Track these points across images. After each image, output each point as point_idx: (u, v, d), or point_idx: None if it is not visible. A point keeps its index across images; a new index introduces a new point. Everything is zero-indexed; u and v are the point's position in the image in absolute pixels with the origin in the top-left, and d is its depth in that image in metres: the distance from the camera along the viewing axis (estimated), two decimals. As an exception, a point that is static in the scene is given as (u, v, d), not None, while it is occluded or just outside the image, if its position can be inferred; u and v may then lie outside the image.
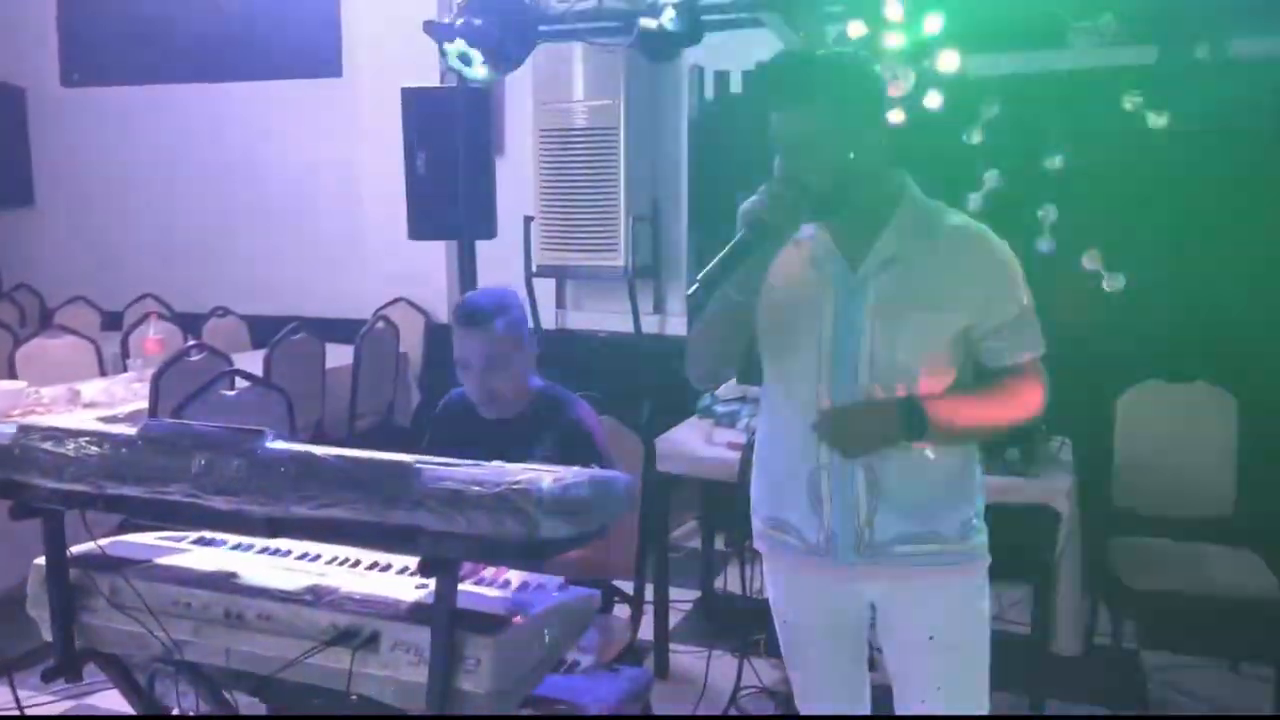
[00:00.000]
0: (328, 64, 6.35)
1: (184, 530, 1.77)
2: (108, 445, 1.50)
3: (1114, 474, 3.49)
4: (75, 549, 1.67)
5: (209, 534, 1.77)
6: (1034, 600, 3.11)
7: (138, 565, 1.65)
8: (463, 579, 1.55)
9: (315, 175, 6.42)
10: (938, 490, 1.88)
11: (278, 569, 1.64)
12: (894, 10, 3.72)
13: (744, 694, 3.19)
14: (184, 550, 1.73)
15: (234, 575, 1.61)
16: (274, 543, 1.73)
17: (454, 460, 1.38)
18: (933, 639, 1.90)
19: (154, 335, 4.81)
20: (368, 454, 1.41)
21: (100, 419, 3.78)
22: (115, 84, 6.92)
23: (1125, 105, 4.07)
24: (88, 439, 1.51)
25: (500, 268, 5.20)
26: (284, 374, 4.53)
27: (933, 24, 3.80)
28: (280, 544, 1.73)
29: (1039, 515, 3.03)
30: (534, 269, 5.54)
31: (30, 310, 6.77)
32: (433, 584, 1.43)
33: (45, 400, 4.03)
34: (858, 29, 3.83)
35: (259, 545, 1.74)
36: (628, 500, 1.50)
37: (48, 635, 1.67)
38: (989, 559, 1.95)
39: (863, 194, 1.83)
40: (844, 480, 1.86)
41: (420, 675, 1.41)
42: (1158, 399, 3.53)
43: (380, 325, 5.48)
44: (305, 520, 1.41)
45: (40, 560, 1.66)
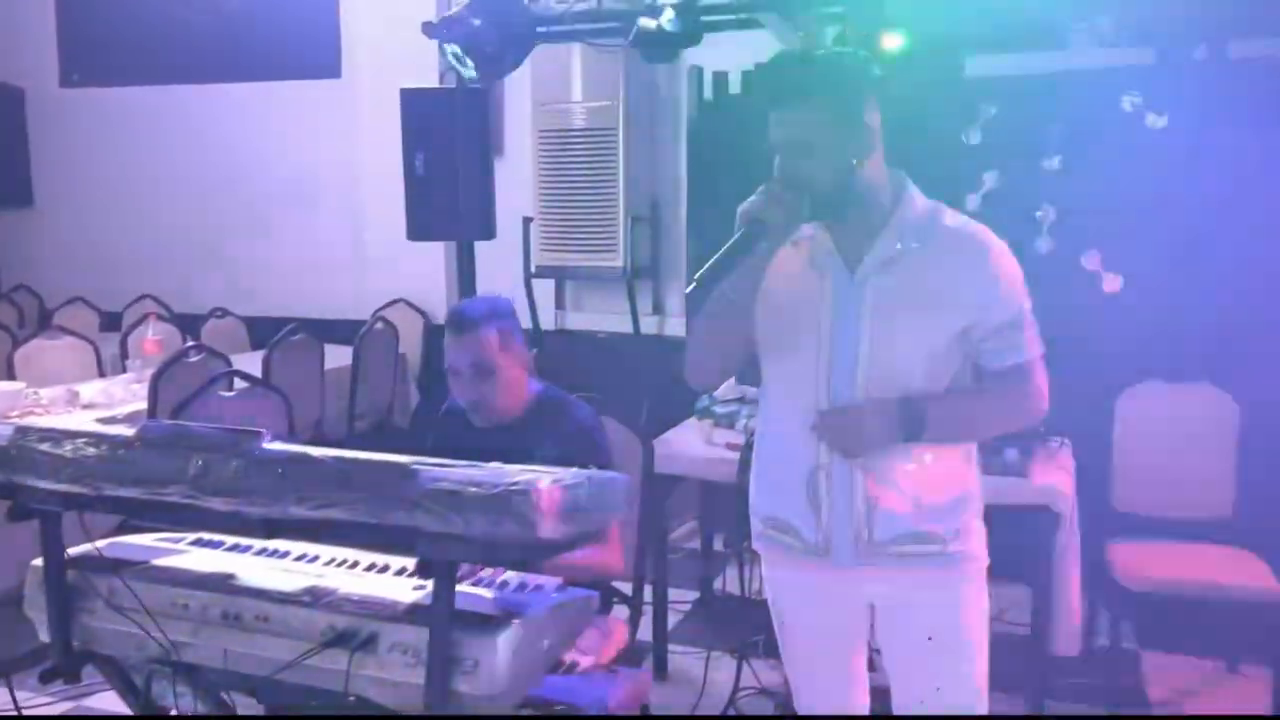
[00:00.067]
0: (327, 65, 6.34)
1: (182, 531, 1.77)
2: (105, 446, 1.50)
3: (1113, 475, 3.50)
4: (73, 550, 1.67)
5: (207, 535, 1.77)
6: (1033, 601, 3.11)
7: (135, 566, 1.65)
8: (461, 580, 1.55)
9: (314, 176, 6.42)
10: (936, 491, 1.88)
11: (275, 570, 1.64)
12: (892, 11, 3.72)
13: (743, 695, 3.19)
14: (182, 551, 1.73)
15: (232, 576, 1.61)
16: (272, 544, 1.73)
17: (451, 461, 1.38)
18: (931, 640, 1.90)
19: (153, 336, 4.81)
20: (365, 455, 1.41)
21: (99, 420, 3.78)
22: (115, 85, 6.91)
23: (1124, 106, 4.07)
24: (85, 440, 1.51)
25: (499, 268, 5.21)
26: (283, 375, 4.53)
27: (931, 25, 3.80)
28: (278, 545, 1.73)
29: (1038, 516, 3.04)
30: (533, 270, 5.54)
31: (29, 311, 6.76)
32: (430, 585, 1.43)
33: (44, 401, 4.02)
34: (856, 30, 3.82)
35: (257, 546, 1.74)
36: (627, 501, 1.51)
37: (45, 636, 1.67)
38: (987, 559, 1.95)
39: (861, 194, 1.83)
40: (843, 480, 1.86)
41: (418, 677, 1.41)
42: (1157, 400, 3.53)
43: (379, 326, 5.47)
44: (303, 521, 1.41)
45: (38, 561, 1.66)
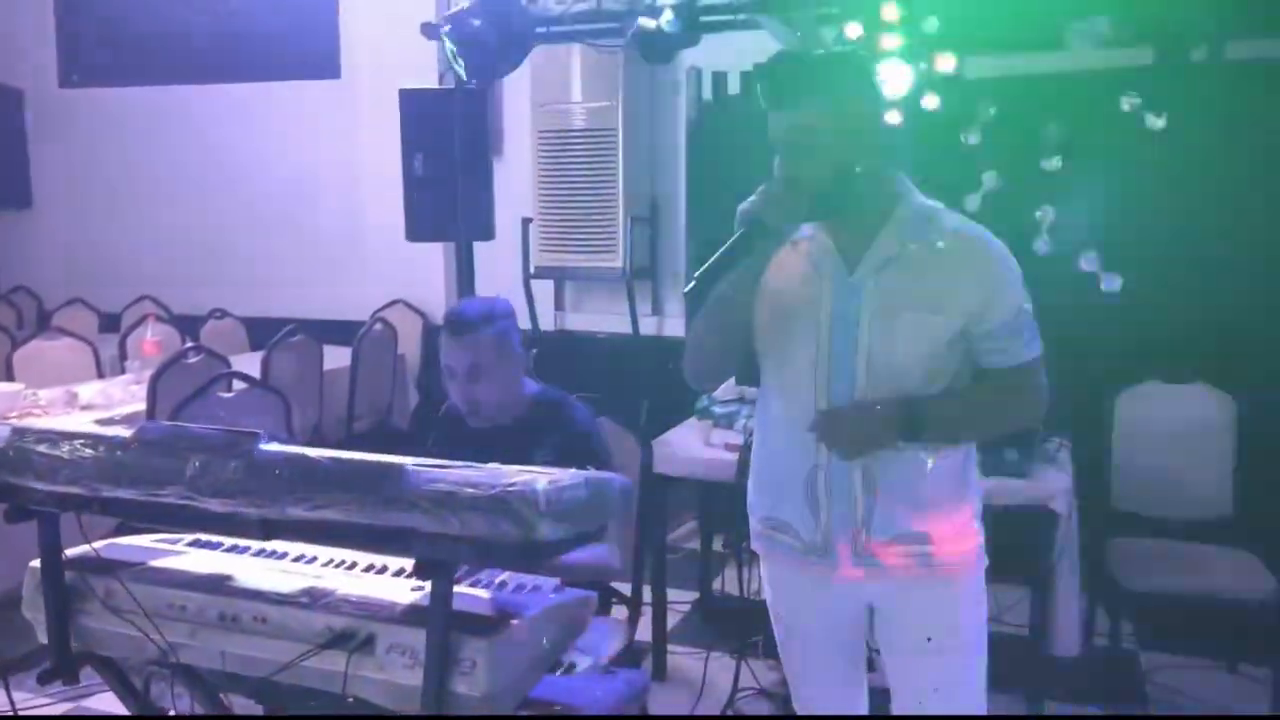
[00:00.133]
0: (326, 65, 6.34)
1: (180, 533, 1.77)
2: (102, 448, 1.49)
3: (1112, 475, 3.49)
4: (70, 551, 1.66)
5: (205, 536, 1.77)
6: (1032, 601, 3.11)
7: (133, 568, 1.65)
8: (458, 581, 1.54)
9: (313, 177, 6.41)
10: (935, 491, 1.87)
11: (273, 571, 1.64)
12: (891, 12, 3.72)
13: (742, 696, 3.19)
14: (179, 553, 1.73)
15: (229, 578, 1.61)
16: (269, 545, 1.72)
17: (448, 462, 1.38)
18: (930, 640, 1.90)
19: (152, 337, 4.80)
20: (362, 456, 1.41)
21: (97, 421, 3.78)
22: (114, 85, 6.91)
23: (1123, 107, 4.08)
24: (82, 442, 1.51)
25: (498, 269, 5.21)
26: (282, 376, 4.53)
27: (930, 26, 3.81)
28: (276, 546, 1.72)
29: (1037, 516, 3.03)
30: (532, 270, 5.54)
31: (28, 312, 6.76)
32: (428, 586, 1.42)
33: (43, 402, 4.02)
34: (855, 30, 3.83)
35: (255, 548, 1.74)
36: (624, 502, 1.50)
37: (43, 638, 1.66)
38: (987, 560, 1.95)
39: (861, 194, 1.83)
40: (841, 481, 1.86)
41: (416, 678, 1.40)
42: (1156, 400, 3.52)
43: (378, 327, 5.47)
44: (300, 522, 1.41)
45: (35, 563, 1.66)
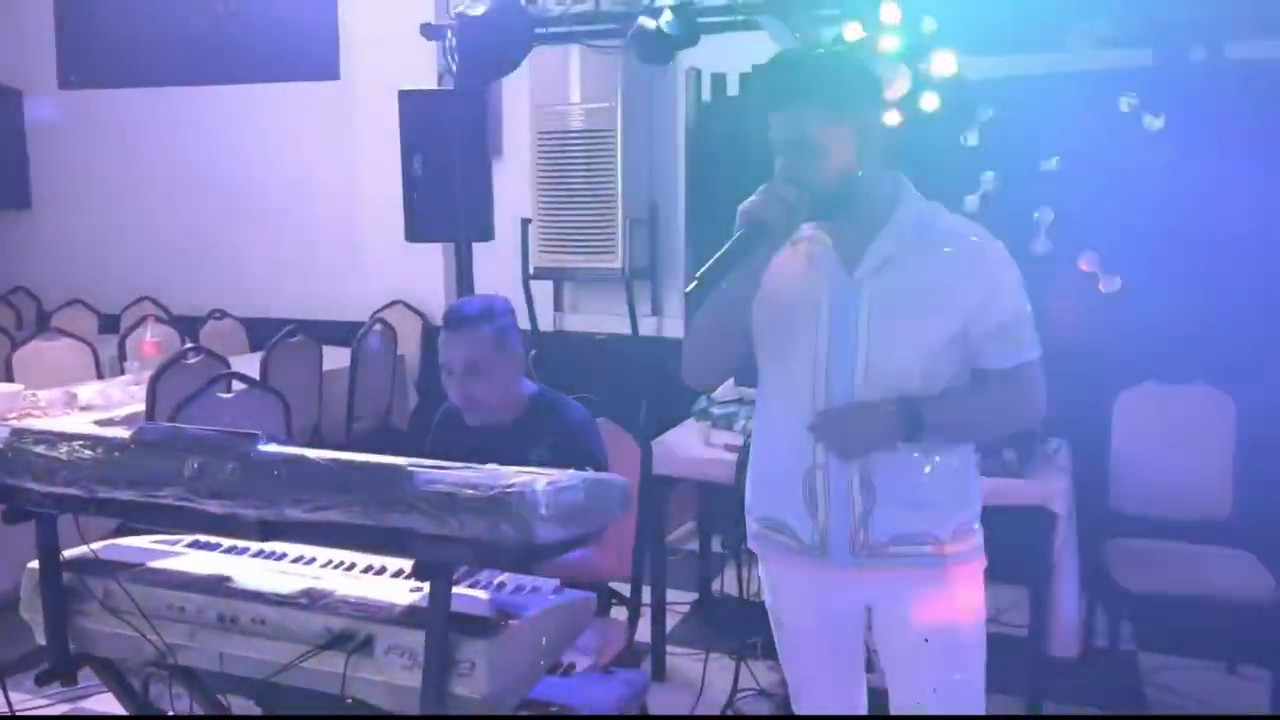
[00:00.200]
0: (325, 67, 6.33)
1: (178, 534, 1.76)
2: (101, 449, 1.49)
3: (1111, 475, 3.49)
4: (69, 552, 1.66)
5: (203, 537, 1.76)
6: (1030, 602, 3.11)
7: (131, 569, 1.65)
8: (457, 582, 1.54)
9: (312, 178, 6.41)
10: (934, 492, 1.88)
11: (272, 572, 1.64)
12: (890, 12, 3.72)
13: (741, 696, 3.19)
14: (178, 554, 1.73)
15: (228, 579, 1.61)
16: (268, 546, 1.72)
17: (448, 464, 1.38)
18: (928, 641, 1.90)
19: (151, 338, 4.80)
20: (361, 457, 1.41)
21: (97, 422, 3.78)
22: (113, 86, 6.90)
23: (1122, 107, 4.07)
24: (81, 443, 1.51)
25: (497, 270, 5.20)
26: (281, 377, 4.52)
27: (929, 26, 3.81)
28: (275, 547, 1.72)
29: (1036, 517, 3.04)
30: (531, 271, 5.54)
31: (27, 313, 6.76)
32: (427, 587, 1.42)
33: (42, 403, 4.02)
34: (854, 31, 3.83)
35: (253, 549, 1.74)
36: (623, 503, 1.50)
37: (41, 639, 1.66)
38: (985, 560, 1.95)
39: (860, 195, 1.83)
40: (839, 481, 1.86)
41: (415, 679, 1.40)
42: (1155, 400, 3.53)
43: (378, 328, 5.47)
44: (299, 523, 1.41)
45: (33, 564, 1.65)
